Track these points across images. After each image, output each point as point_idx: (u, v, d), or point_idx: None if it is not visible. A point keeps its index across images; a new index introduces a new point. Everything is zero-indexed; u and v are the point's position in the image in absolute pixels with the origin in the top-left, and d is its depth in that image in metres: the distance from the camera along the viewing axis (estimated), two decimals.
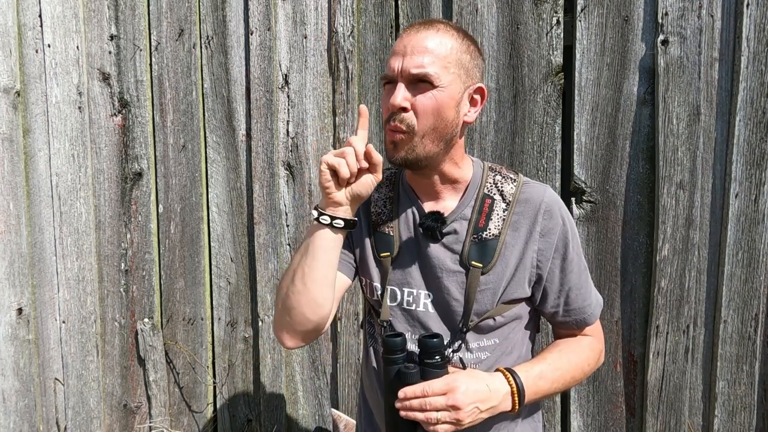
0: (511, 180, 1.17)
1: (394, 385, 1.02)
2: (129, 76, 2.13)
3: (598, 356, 1.21)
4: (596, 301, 1.20)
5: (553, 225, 1.12)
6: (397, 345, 1.05)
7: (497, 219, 1.13)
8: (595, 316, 1.19)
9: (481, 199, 1.14)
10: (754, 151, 1.83)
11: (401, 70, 1.07)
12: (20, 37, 2.08)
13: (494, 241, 1.11)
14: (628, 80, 1.88)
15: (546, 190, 1.16)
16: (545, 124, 1.92)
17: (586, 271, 1.19)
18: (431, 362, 1.02)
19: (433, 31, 1.08)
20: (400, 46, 1.09)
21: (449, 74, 1.07)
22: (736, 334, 1.89)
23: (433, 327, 1.14)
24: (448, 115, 1.08)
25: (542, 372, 1.10)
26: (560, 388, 1.13)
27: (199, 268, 2.16)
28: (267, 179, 2.07)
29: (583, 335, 1.20)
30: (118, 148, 2.17)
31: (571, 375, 1.13)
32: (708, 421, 1.95)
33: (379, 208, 1.21)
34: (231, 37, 2.07)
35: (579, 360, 1.16)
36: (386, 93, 1.12)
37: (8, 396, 2.07)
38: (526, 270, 1.12)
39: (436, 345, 1.02)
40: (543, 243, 1.12)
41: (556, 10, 1.88)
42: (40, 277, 2.15)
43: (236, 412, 2.20)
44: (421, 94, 1.06)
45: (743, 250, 1.86)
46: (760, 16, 1.79)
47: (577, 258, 1.15)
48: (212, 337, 2.18)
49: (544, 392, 1.10)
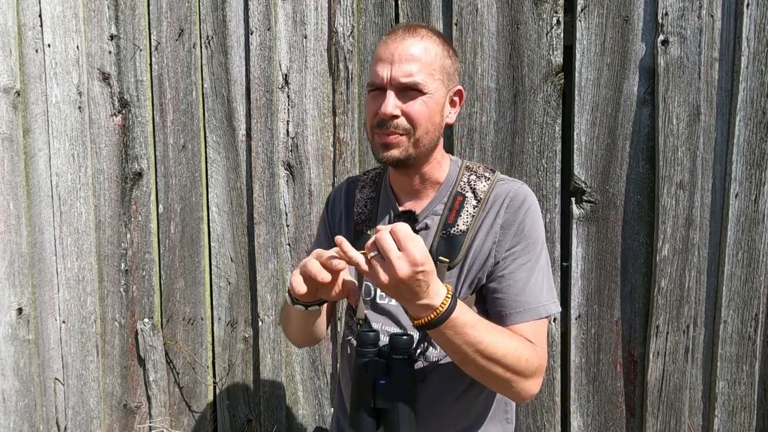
0: (486, 178, 1.20)
1: (363, 378, 1.08)
2: (129, 76, 2.13)
3: (536, 368, 1.08)
4: (536, 305, 1.11)
5: (515, 218, 1.14)
6: (370, 339, 1.10)
7: (466, 215, 1.16)
8: (524, 315, 1.10)
9: (453, 197, 1.18)
10: (754, 151, 1.83)
11: (390, 78, 1.10)
12: (20, 37, 2.08)
13: (461, 236, 1.14)
14: (628, 80, 1.88)
15: (515, 185, 1.18)
16: (545, 124, 1.92)
17: (541, 273, 1.14)
18: (399, 358, 1.07)
19: (417, 38, 1.11)
20: (386, 53, 1.11)
21: (435, 81, 1.12)
22: (736, 334, 1.89)
23: (402, 320, 1.18)
24: (435, 120, 1.13)
25: (480, 322, 1.01)
26: (486, 356, 1.01)
27: (199, 268, 2.16)
28: (267, 179, 2.07)
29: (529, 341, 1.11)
30: (118, 148, 2.17)
31: (503, 353, 1.02)
32: (708, 421, 1.95)
33: (361, 208, 1.26)
34: (231, 37, 2.07)
35: (520, 350, 1.05)
36: (372, 99, 1.14)
37: (8, 396, 2.07)
38: (488, 263, 1.14)
39: (405, 343, 1.07)
40: (502, 234, 1.14)
41: (556, 10, 1.88)
42: (40, 277, 2.15)
43: (236, 412, 2.20)
44: (411, 101, 1.10)
45: (743, 250, 1.86)
46: (760, 16, 1.79)
47: (527, 251, 1.12)
48: (212, 337, 2.19)
49: (470, 339, 0.98)
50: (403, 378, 1.06)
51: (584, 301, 1.95)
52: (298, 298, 1.06)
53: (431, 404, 1.16)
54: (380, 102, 1.11)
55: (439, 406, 1.17)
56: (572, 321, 1.96)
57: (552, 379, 1.98)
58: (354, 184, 1.33)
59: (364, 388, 1.08)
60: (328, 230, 1.32)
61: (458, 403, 1.18)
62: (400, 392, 1.06)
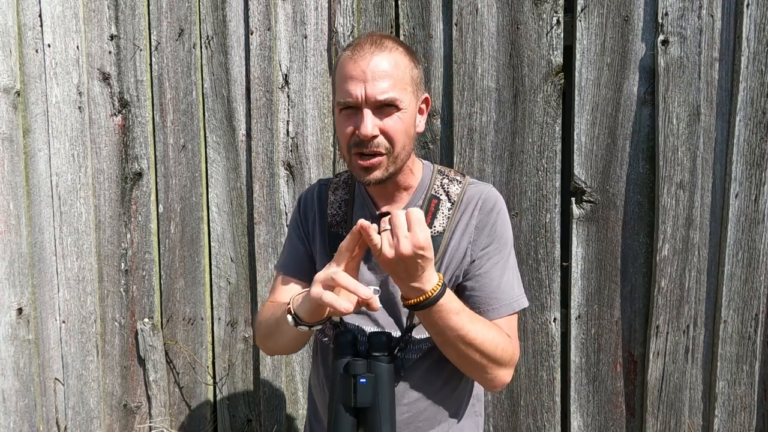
0: (458, 182, 1.23)
1: (343, 377, 1.08)
2: (129, 76, 2.13)
3: (510, 357, 1.13)
4: (510, 301, 1.17)
5: (488, 219, 1.18)
6: (348, 340, 1.11)
7: (442, 218, 1.19)
8: (501, 311, 1.16)
9: (428, 200, 1.21)
10: (754, 151, 1.83)
11: (365, 97, 1.08)
12: (20, 37, 2.08)
13: (438, 237, 1.17)
14: (628, 80, 1.88)
15: (486, 188, 1.23)
16: (545, 124, 1.92)
17: (511, 270, 1.20)
18: (379, 355, 1.08)
19: (386, 52, 1.10)
20: (357, 71, 1.08)
21: (408, 94, 1.12)
22: (736, 334, 1.89)
23: (379, 319, 1.19)
24: (410, 132, 1.15)
25: (464, 310, 1.06)
26: (466, 342, 1.06)
27: (199, 268, 2.16)
28: (267, 179, 2.07)
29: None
30: (118, 148, 2.17)
31: (482, 340, 1.07)
32: (708, 421, 1.95)
33: (335, 210, 1.27)
34: (231, 37, 2.07)
35: (497, 339, 1.10)
36: (346, 118, 1.12)
37: (8, 396, 2.07)
38: (465, 261, 1.18)
39: (384, 342, 1.09)
40: (476, 234, 1.18)
41: (556, 10, 1.88)
42: (40, 277, 2.15)
43: (236, 412, 2.20)
44: (388, 117, 1.10)
45: (743, 250, 1.86)
46: (760, 16, 1.79)
47: (499, 251, 1.18)
48: (212, 337, 2.19)
49: (453, 325, 1.04)
50: (384, 376, 1.08)
51: (584, 301, 1.95)
52: (310, 322, 1.05)
53: (409, 402, 1.19)
54: (354, 121, 1.10)
55: (417, 403, 1.19)
56: (572, 321, 1.96)
57: (552, 379, 1.98)
58: (326, 185, 1.33)
59: (344, 388, 1.08)
60: (300, 231, 1.32)
61: (435, 399, 1.21)
62: (380, 390, 1.07)
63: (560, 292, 1.96)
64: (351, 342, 1.11)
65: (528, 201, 1.94)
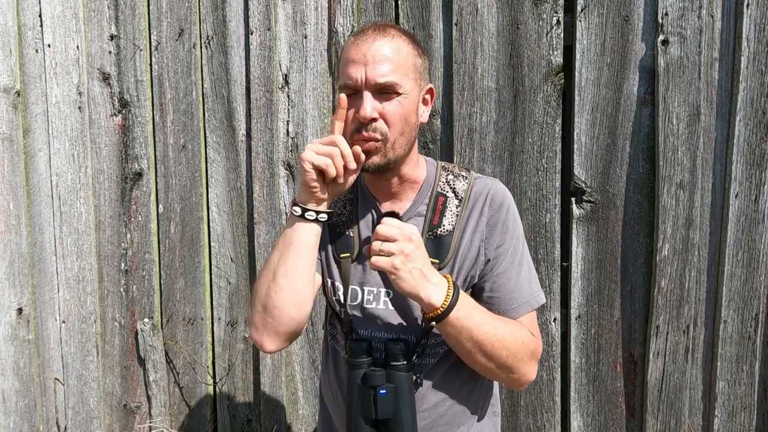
0: (463, 177, 1.21)
1: (361, 389, 1.05)
2: (129, 76, 2.13)
3: (532, 351, 1.13)
4: (529, 298, 1.17)
5: (499, 216, 1.16)
6: (362, 349, 1.08)
7: (451, 215, 1.17)
8: (521, 310, 1.16)
9: (435, 197, 1.18)
10: (754, 151, 1.83)
11: (366, 79, 1.08)
12: (20, 37, 2.08)
13: (449, 236, 1.15)
14: (628, 80, 1.88)
15: (493, 183, 1.20)
16: (545, 124, 1.92)
17: (526, 266, 1.19)
18: (397, 365, 1.06)
19: (389, 38, 1.10)
20: (358, 54, 1.08)
21: (409, 80, 1.11)
22: (736, 334, 1.89)
23: (393, 323, 1.16)
24: (411, 120, 1.13)
25: (479, 309, 1.08)
26: (487, 342, 1.07)
27: (199, 268, 2.16)
28: (267, 179, 2.07)
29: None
30: (118, 148, 2.17)
31: (501, 336, 1.08)
32: (708, 421, 1.95)
33: (338, 209, 1.24)
34: (231, 37, 2.07)
35: (516, 334, 1.11)
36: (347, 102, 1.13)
37: (8, 396, 2.07)
38: (479, 260, 1.16)
39: (401, 350, 1.06)
40: (488, 232, 1.16)
41: (556, 10, 1.88)
42: (40, 277, 2.15)
43: (236, 412, 2.20)
44: (387, 102, 1.09)
45: (743, 250, 1.86)
46: (760, 16, 1.79)
47: (513, 249, 1.17)
48: (212, 337, 2.19)
49: (472, 326, 1.05)
50: (404, 386, 1.05)
51: (584, 301, 1.95)
52: (315, 191, 1.07)
53: (429, 407, 1.17)
54: (356, 105, 1.09)
55: (436, 408, 1.17)
56: (572, 321, 1.96)
57: (552, 379, 1.98)
58: None
59: (363, 400, 1.05)
60: None
61: (455, 401, 1.19)
62: (401, 401, 1.05)
63: (560, 292, 1.96)
64: (366, 350, 1.09)
65: (528, 201, 1.94)
